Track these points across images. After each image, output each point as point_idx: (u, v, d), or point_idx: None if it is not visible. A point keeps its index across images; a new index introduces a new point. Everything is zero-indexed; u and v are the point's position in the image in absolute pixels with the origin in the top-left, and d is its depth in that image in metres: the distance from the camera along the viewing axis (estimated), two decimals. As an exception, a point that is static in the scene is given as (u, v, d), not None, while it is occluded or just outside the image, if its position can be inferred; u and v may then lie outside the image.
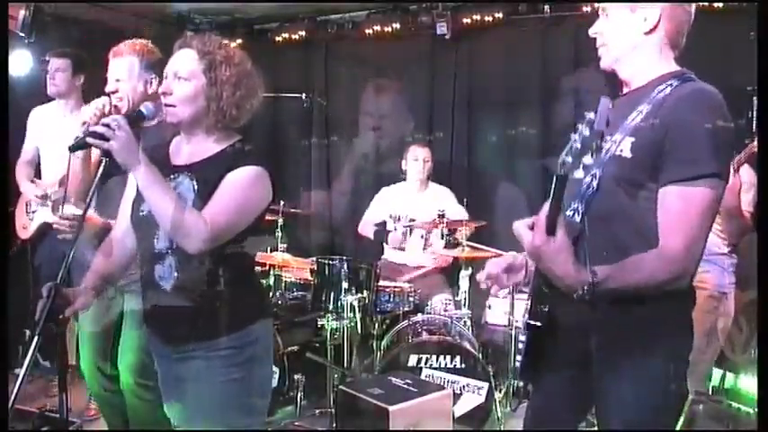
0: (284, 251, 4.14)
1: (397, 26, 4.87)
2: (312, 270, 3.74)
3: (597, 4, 1.68)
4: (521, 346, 1.66)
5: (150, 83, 2.52)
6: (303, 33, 5.24)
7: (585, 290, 1.39)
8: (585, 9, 4.19)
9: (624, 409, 1.57)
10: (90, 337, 2.68)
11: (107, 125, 1.66)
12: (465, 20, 4.65)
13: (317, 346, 3.74)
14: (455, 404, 3.19)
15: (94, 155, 2.65)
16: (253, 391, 1.88)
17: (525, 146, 4.63)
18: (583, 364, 1.61)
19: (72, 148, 1.73)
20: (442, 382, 3.29)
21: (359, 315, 3.48)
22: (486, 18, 4.61)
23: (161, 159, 1.82)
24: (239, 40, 5.20)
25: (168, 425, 2.61)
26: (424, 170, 4.26)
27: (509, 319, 3.63)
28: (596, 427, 1.73)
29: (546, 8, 4.48)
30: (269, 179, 1.82)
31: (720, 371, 3.18)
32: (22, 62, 4.04)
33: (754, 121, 3.37)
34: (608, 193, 1.55)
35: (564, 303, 1.48)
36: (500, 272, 1.72)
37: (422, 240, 4.26)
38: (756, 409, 2.10)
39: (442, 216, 3.95)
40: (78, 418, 3.25)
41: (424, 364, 3.34)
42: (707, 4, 3.89)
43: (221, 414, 1.80)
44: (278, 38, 5.36)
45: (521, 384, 3.63)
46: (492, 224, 4.08)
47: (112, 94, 2.49)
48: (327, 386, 3.53)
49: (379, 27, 4.93)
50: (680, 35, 1.63)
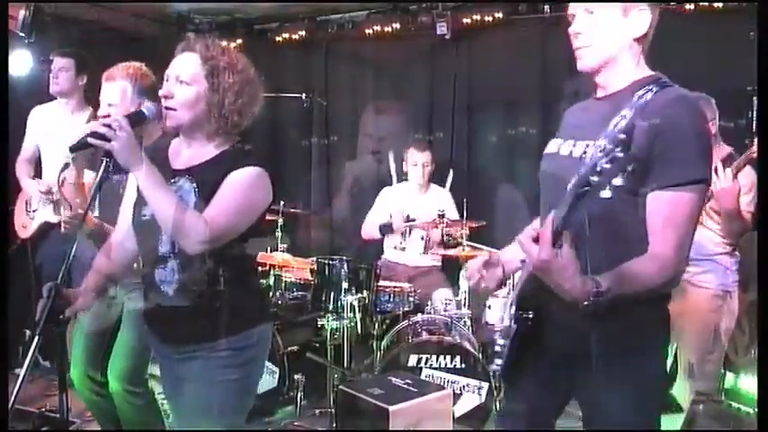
0: (284, 251, 4.14)
1: (397, 26, 4.86)
2: (312, 270, 3.74)
3: (571, 5, 1.65)
4: (498, 349, 1.69)
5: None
6: (303, 33, 5.23)
7: (591, 301, 1.38)
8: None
9: (610, 406, 1.58)
10: (82, 344, 2.68)
11: (108, 125, 1.65)
12: (465, 20, 4.64)
13: (316, 346, 3.75)
14: (455, 404, 3.19)
15: (88, 178, 2.68)
16: (246, 392, 1.91)
17: (525, 146, 4.62)
18: (563, 364, 1.63)
19: (73, 148, 1.73)
20: (442, 382, 3.29)
21: (359, 315, 3.48)
22: (486, 18, 4.60)
23: (160, 163, 1.81)
24: (239, 40, 5.21)
25: (161, 426, 2.61)
26: (423, 175, 4.24)
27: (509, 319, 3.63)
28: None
29: (546, 8, 4.47)
30: (269, 179, 1.81)
31: (721, 371, 3.17)
32: (22, 62, 4.03)
33: (754, 122, 3.38)
34: (595, 199, 1.54)
35: (547, 306, 1.49)
36: (479, 267, 1.82)
37: (422, 241, 4.25)
38: (756, 409, 2.11)
39: (442, 216, 3.95)
40: (78, 418, 3.24)
41: (424, 364, 3.34)
42: (707, 4, 3.89)
43: (219, 414, 1.81)
44: (278, 38, 5.36)
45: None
46: (492, 224, 4.08)
47: (103, 118, 2.48)
48: (327, 386, 3.53)
49: (379, 27, 4.92)
50: (650, 39, 1.65)
